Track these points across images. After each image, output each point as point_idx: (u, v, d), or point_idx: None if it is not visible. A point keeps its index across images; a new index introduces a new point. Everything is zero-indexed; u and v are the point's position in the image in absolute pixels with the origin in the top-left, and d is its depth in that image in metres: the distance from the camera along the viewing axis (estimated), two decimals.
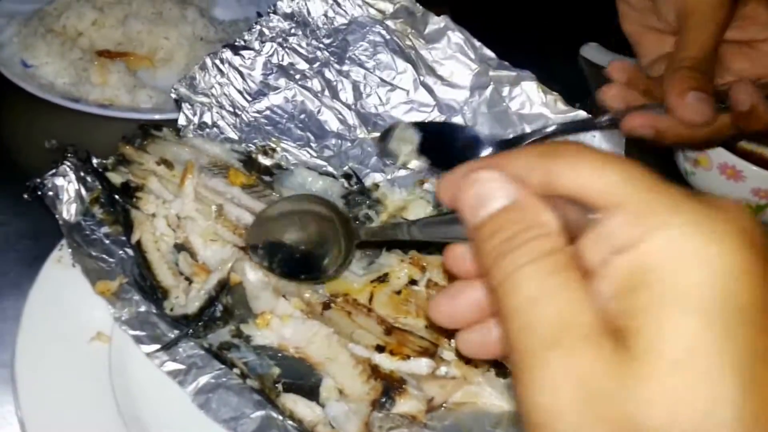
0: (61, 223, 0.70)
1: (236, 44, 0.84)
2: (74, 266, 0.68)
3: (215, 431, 0.59)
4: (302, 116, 0.84)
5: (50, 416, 0.59)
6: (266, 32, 0.85)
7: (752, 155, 0.94)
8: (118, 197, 0.72)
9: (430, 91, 0.86)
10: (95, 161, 0.74)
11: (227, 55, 0.83)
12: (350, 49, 0.86)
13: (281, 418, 0.59)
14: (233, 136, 0.81)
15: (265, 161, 0.79)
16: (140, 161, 0.75)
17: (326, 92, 0.85)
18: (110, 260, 0.69)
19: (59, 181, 0.70)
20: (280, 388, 0.61)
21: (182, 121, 0.81)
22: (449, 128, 0.82)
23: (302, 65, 0.85)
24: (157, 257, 0.69)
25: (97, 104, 0.98)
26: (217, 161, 0.77)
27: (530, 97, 0.84)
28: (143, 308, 0.66)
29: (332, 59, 0.86)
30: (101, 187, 0.72)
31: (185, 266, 0.69)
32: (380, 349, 0.63)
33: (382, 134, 0.81)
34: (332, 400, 0.60)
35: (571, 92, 0.86)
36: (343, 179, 0.79)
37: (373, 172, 0.81)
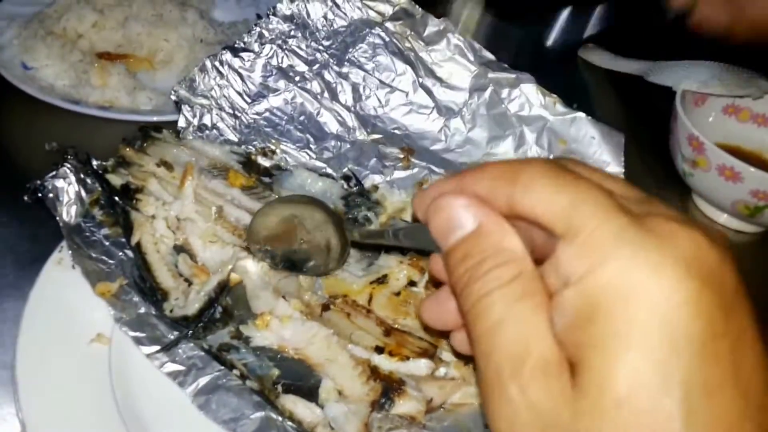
0: (61, 224, 0.70)
1: (236, 46, 0.84)
2: (74, 268, 0.68)
3: None
4: (302, 118, 0.84)
5: (51, 417, 0.59)
6: (266, 34, 0.85)
7: (751, 156, 0.94)
8: (117, 199, 0.72)
9: (429, 92, 0.87)
10: (95, 163, 0.74)
11: (227, 57, 0.83)
12: (350, 51, 0.87)
13: (281, 419, 0.59)
14: (233, 137, 0.81)
15: (264, 162, 0.79)
16: (140, 163, 0.75)
17: (326, 94, 0.85)
18: (110, 262, 0.69)
19: (59, 183, 0.70)
20: (279, 389, 0.61)
21: (182, 123, 0.81)
22: None
23: (302, 67, 0.85)
24: (156, 259, 0.69)
25: (97, 106, 0.98)
26: (216, 163, 0.77)
27: (529, 98, 0.85)
28: (143, 310, 0.66)
29: (332, 61, 0.86)
30: (101, 188, 0.72)
31: (185, 268, 0.69)
32: (379, 350, 0.63)
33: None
34: (331, 401, 0.60)
35: (570, 94, 0.86)
36: (342, 181, 0.79)
37: (372, 173, 0.81)
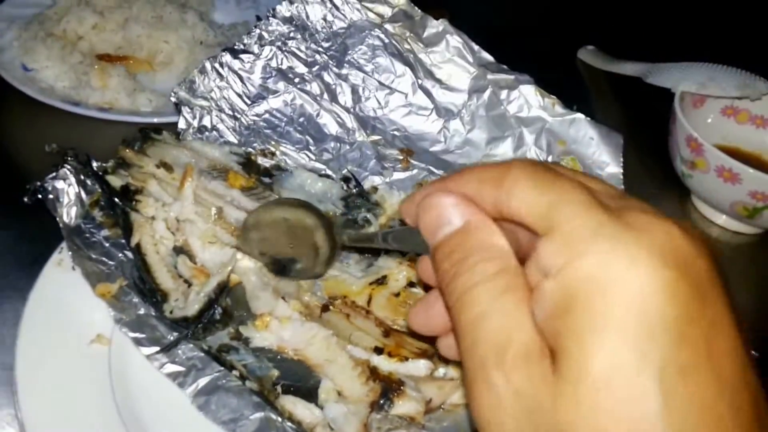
0: (61, 226, 0.70)
1: (235, 48, 0.84)
2: (74, 269, 0.68)
3: None
4: (301, 119, 0.84)
5: (51, 418, 0.59)
6: (265, 36, 0.85)
7: (750, 158, 0.94)
8: (117, 200, 0.72)
9: (428, 94, 0.87)
10: (95, 164, 0.74)
11: (227, 58, 0.83)
12: (349, 52, 0.87)
13: (280, 419, 0.60)
14: (233, 139, 0.82)
15: (264, 163, 0.79)
16: (140, 164, 0.75)
17: (325, 95, 0.85)
18: (110, 263, 0.69)
19: (59, 184, 0.71)
20: (279, 389, 0.61)
21: (182, 124, 0.81)
22: None
23: (301, 69, 0.86)
24: (156, 260, 0.69)
25: (97, 108, 0.98)
26: (216, 164, 0.77)
27: (528, 100, 0.85)
28: (143, 311, 0.66)
29: (331, 63, 0.86)
30: (101, 190, 0.72)
31: (184, 269, 0.69)
32: (379, 350, 0.63)
33: None
34: (331, 401, 0.60)
35: (569, 95, 0.87)
36: (342, 182, 0.79)
37: (371, 175, 0.81)
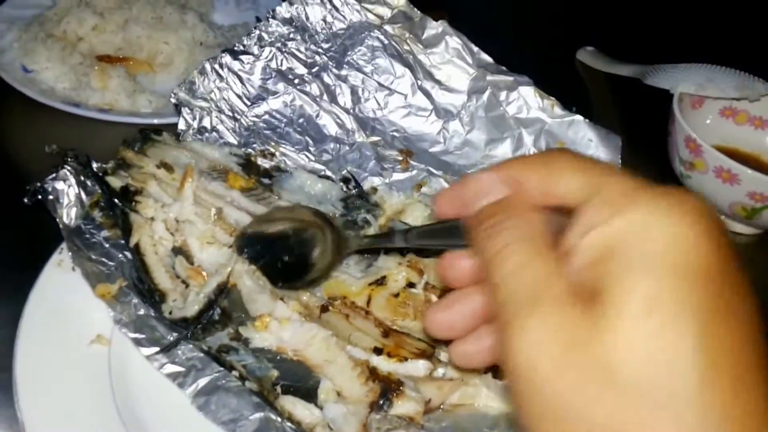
0: (61, 226, 0.70)
1: (235, 49, 0.84)
2: (74, 269, 0.68)
3: None
4: (301, 120, 0.84)
5: (50, 419, 0.59)
6: (265, 37, 0.85)
7: (748, 158, 0.94)
8: (117, 201, 0.72)
9: (427, 95, 0.87)
10: (95, 165, 0.74)
11: (226, 59, 0.83)
12: (349, 53, 0.87)
13: (280, 419, 0.60)
14: (232, 140, 0.82)
15: (264, 164, 0.80)
16: (140, 165, 0.75)
17: (325, 96, 0.86)
18: (110, 263, 0.69)
19: (59, 185, 0.71)
20: (278, 390, 0.61)
21: (182, 125, 0.81)
22: None
23: (301, 70, 0.86)
24: (155, 260, 0.69)
25: (97, 109, 0.98)
26: (216, 165, 0.77)
27: (527, 101, 0.85)
28: (142, 311, 0.66)
29: (331, 64, 0.87)
30: (101, 191, 0.72)
31: (180, 269, 0.69)
32: (378, 351, 0.63)
33: None
34: (330, 401, 0.60)
35: (568, 96, 0.87)
36: (341, 183, 0.80)
37: (371, 175, 0.81)
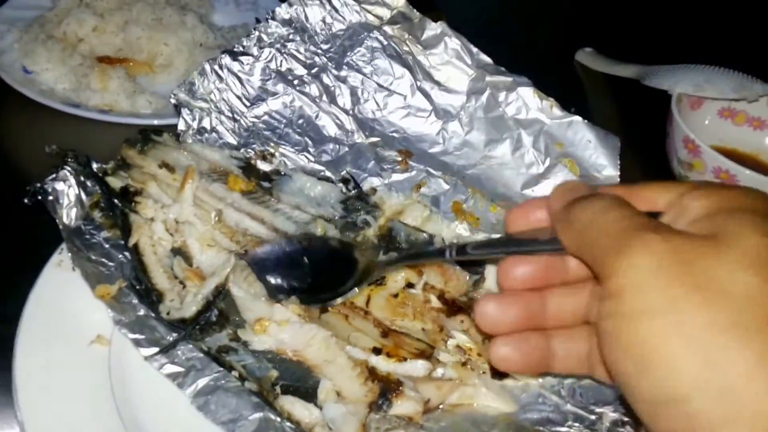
0: (61, 227, 0.70)
1: (235, 50, 0.84)
2: (74, 270, 0.68)
3: None
4: (300, 121, 0.85)
5: (50, 419, 0.59)
6: (265, 38, 0.85)
7: (747, 159, 0.95)
8: (117, 201, 0.72)
9: (427, 96, 0.87)
10: (95, 166, 0.74)
11: (226, 60, 0.83)
12: (348, 54, 0.87)
13: (279, 419, 0.60)
14: (232, 141, 0.82)
15: (264, 167, 0.80)
16: (141, 165, 0.76)
17: (324, 97, 0.86)
18: (110, 264, 0.69)
19: (59, 185, 0.71)
20: (278, 390, 0.61)
21: (181, 126, 0.81)
22: None
23: (300, 71, 0.86)
24: (153, 261, 0.69)
25: (97, 110, 0.98)
26: (216, 167, 0.77)
27: (526, 102, 0.85)
28: (142, 312, 0.66)
29: (330, 65, 0.87)
30: (100, 191, 0.72)
31: (179, 270, 0.69)
32: (377, 351, 0.63)
33: None
34: (330, 401, 0.60)
35: (566, 97, 0.87)
36: (340, 183, 0.80)
37: (370, 176, 0.81)
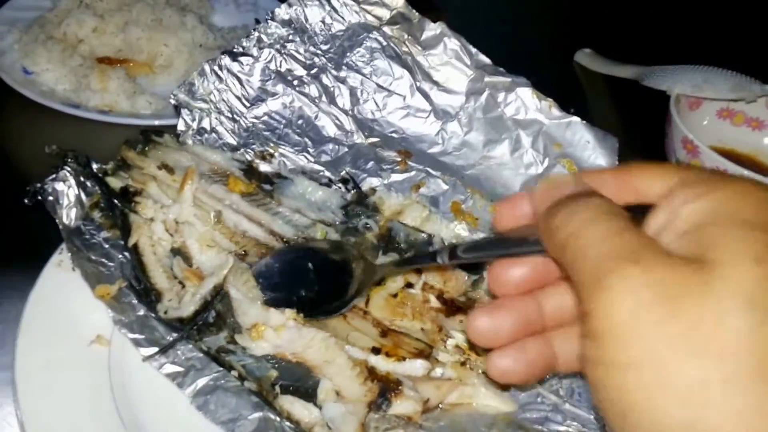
0: (61, 227, 0.70)
1: (235, 51, 0.85)
2: (74, 270, 0.68)
3: None
4: (300, 122, 0.85)
5: (50, 418, 0.59)
6: (264, 39, 0.85)
7: (745, 160, 0.95)
8: (116, 201, 0.73)
9: (426, 96, 0.87)
10: (95, 166, 0.74)
11: (226, 61, 0.84)
12: (347, 55, 0.87)
13: (279, 419, 0.60)
14: (231, 141, 0.82)
15: (265, 169, 0.80)
16: (141, 166, 0.76)
17: (323, 98, 0.86)
18: (110, 264, 0.70)
19: (59, 185, 0.71)
20: (277, 389, 0.61)
21: (181, 126, 0.81)
22: None
23: (300, 71, 0.86)
24: (153, 260, 0.69)
25: (97, 110, 0.99)
26: (217, 168, 0.78)
27: (525, 102, 0.85)
28: (142, 312, 0.66)
29: (329, 65, 0.87)
30: (100, 191, 0.73)
31: (178, 270, 0.69)
32: (376, 351, 0.63)
33: None
34: (329, 401, 0.61)
35: (565, 98, 0.87)
36: (340, 184, 0.80)
37: (369, 176, 0.82)
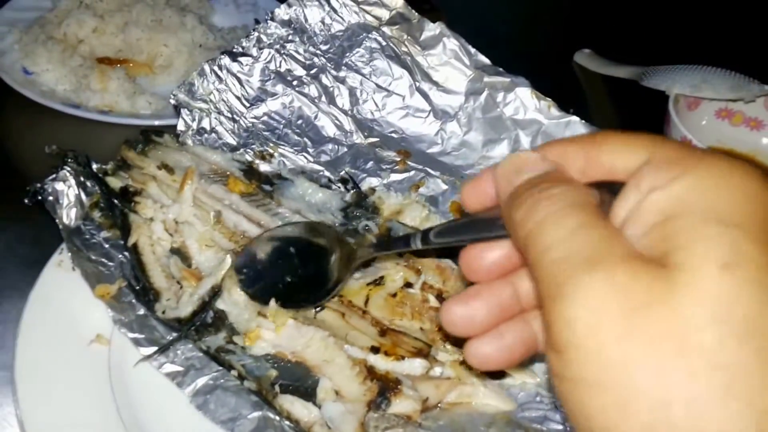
0: (61, 227, 0.70)
1: (234, 51, 0.85)
2: (74, 270, 0.68)
3: None
4: (299, 122, 0.85)
5: (50, 418, 0.59)
6: (264, 39, 0.86)
7: (744, 160, 0.95)
8: (116, 201, 0.73)
9: (425, 96, 0.87)
10: (95, 166, 0.74)
11: (225, 61, 0.84)
12: (347, 55, 0.88)
13: (278, 418, 0.60)
14: (231, 141, 0.82)
15: (265, 169, 0.80)
16: (141, 166, 0.76)
17: (323, 98, 0.86)
18: (109, 264, 0.70)
19: (59, 185, 0.71)
20: (277, 389, 0.61)
21: (181, 126, 0.82)
22: None
23: (299, 71, 0.86)
24: (152, 260, 0.69)
25: (97, 110, 0.99)
26: (217, 169, 0.78)
27: (524, 102, 0.85)
28: (142, 311, 0.66)
29: (329, 65, 0.87)
30: (100, 191, 0.73)
31: (176, 270, 0.69)
32: (375, 350, 0.63)
33: None
34: (329, 400, 0.61)
35: (564, 98, 0.87)
36: (339, 184, 0.80)
37: (369, 176, 0.82)
